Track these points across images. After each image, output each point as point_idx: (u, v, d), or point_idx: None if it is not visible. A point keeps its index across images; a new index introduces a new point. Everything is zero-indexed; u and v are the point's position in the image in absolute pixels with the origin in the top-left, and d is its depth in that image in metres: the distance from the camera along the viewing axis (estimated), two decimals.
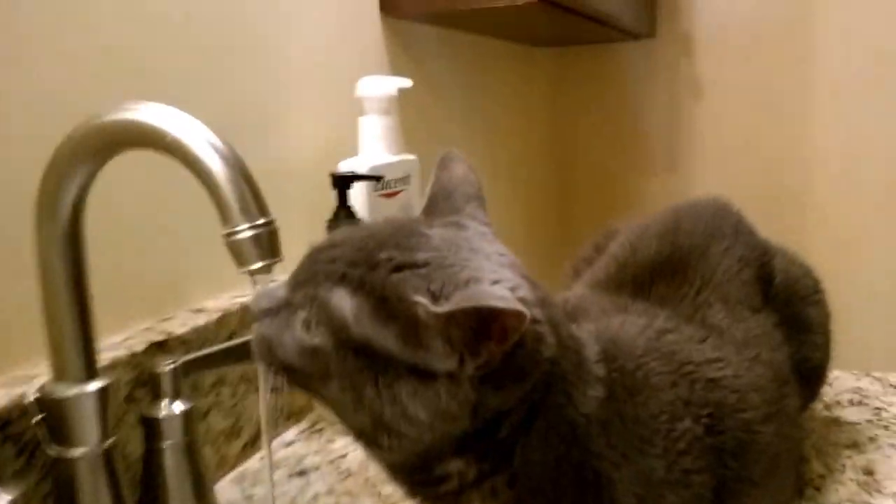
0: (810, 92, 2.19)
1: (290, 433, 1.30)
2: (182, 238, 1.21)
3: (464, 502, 0.78)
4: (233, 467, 1.19)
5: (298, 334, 0.74)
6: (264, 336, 0.77)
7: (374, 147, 1.41)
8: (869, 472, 1.09)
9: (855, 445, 1.16)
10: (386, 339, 0.71)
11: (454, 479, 0.77)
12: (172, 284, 1.20)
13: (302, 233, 1.35)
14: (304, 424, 1.33)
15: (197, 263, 1.23)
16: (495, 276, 0.73)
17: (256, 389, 1.23)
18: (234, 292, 1.26)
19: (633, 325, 0.91)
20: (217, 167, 0.79)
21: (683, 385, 0.85)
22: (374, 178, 1.34)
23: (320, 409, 1.34)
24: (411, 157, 1.47)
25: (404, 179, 1.44)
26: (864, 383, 1.38)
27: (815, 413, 1.27)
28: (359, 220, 1.30)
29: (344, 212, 1.30)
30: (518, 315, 0.66)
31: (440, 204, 0.84)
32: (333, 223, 1.29)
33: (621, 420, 0.80)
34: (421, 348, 0.70)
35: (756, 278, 1.04)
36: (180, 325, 1.12)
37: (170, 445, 0.97)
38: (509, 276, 0.75)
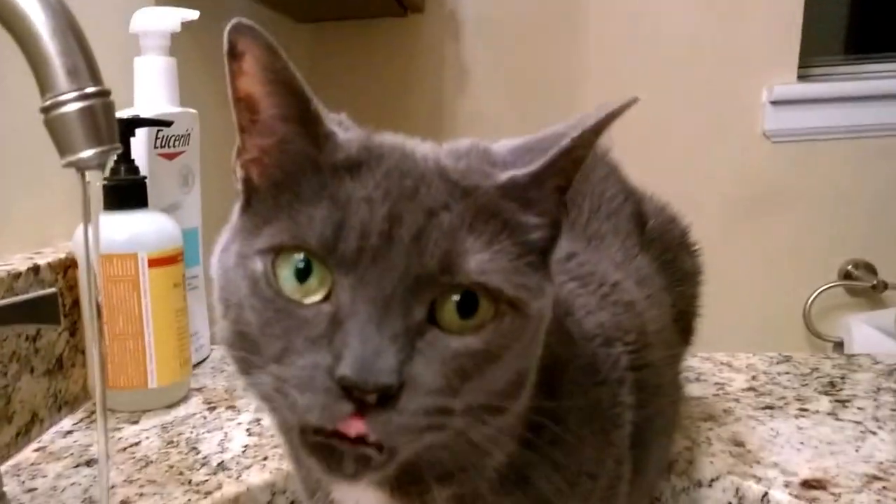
0: (578, 78, 2.16)
1: (66, 423, 1.11)
2: None
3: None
4: (4, 458, 0.99)
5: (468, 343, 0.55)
6: (439, 390, 0.54)
7: (153, 94, 1.22)
8: (739, 443, 1.04)
9: (711, 418, 1.12)
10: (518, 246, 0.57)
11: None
12: None
13: (64, 205, 1.20)
14: (80, 413, 1.14)
15: None
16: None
17: (31, 370, 1.04)
18: None
19: None
20: (35, 12, 0.62)
21: (607, 308, 0.75)
22: (162, 122, 1.15)
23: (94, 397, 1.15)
24: (192, 110, 1.28)
25: (185, 138, 1.25)
26: (695, 362, 1.35)
27: None
28: (143, 178, 1.11)
29: (125, 166, 1.10)
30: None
31: None
32: (112, 182, 1.09)
33: (567, 337, 0.69)
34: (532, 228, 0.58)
35: (633, 215, 0.96)
36: None
37: None
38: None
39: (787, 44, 1.98)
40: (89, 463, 0.99)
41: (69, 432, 1.08)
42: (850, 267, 2.32)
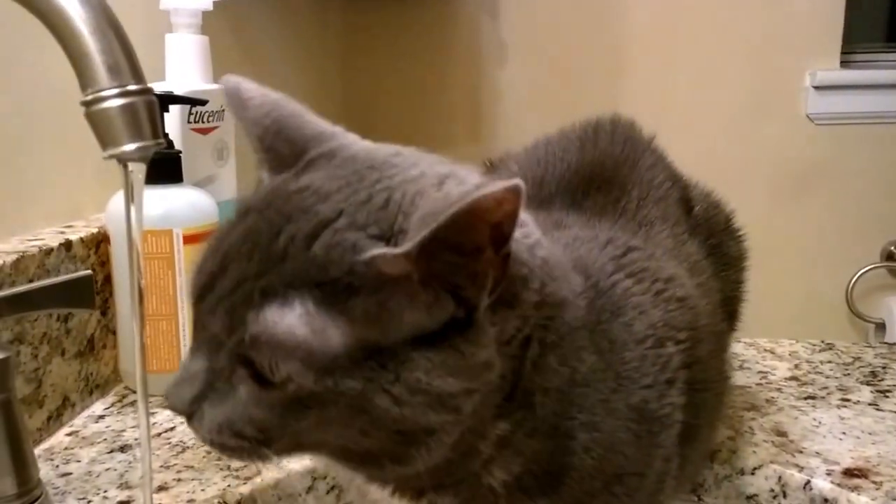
0: (619, 57, 2.13)
1: (97, 407, 1.09)
2: None
3: (486, 473, 0.64)
4: (36, 443, 0.97)
5: (258, 395, 0.56)
6: (219, 425, 0.58)
7: (185, 71, 1.20)
8: (781, 433, 1.04)
9: (754, 408, 1.12)
10: (350, 331, 0.53)
11: (490, 447, 0.62)
12: None
13: (95, 175, 1.18)
14: (111, 398, 1.12)
15: None
16: (440, 171, 0.59)
17: (62, 352, 1.03)
18: (24, 235, 1.05)
19: (591, 240, 0.78)
20: (75, 9, 0.61)
21: (661, 305, 0.74)
22: (197, 101, 1.14)
23: (128, 381, 1.14)
24: None
25: (219, 114, 1.23)
26: (739, 348, 1.34)
27: None
28: (178, 152, 1.09)
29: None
30: (512, 191, 0.50)
31: (279, 147, 0.65)
32: None
33: (610, 343, 0.67)
34: (407, 311, 0.53)
35: (680, 201, 0.95)
36: None
37: None
38: (445, 169, 0.60)
39: (829, 31, 1.97)
40: (123, 448, 0.97)
41: (101, 417, 1.06)
42: (892, 248, 2.31)
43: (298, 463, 0.94)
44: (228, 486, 0.89)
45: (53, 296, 0.83)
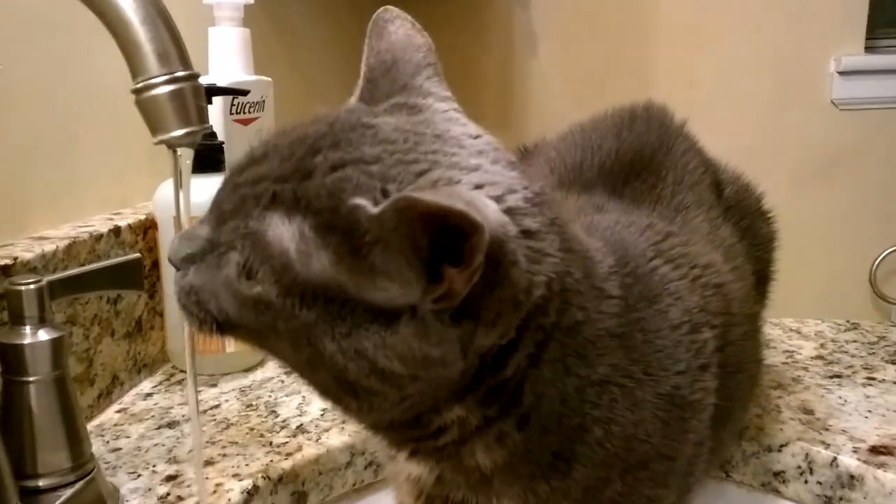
0: (647, 47, 2.14)
1: (145, 385, 1.13)
2: (18, 161, 1.02)
3: (466, 453, 0.65)
4: (88, 419, 1.01)
5: (234, 283, 0.58)
6: (192, 287, 0.61)
7: (228, 63, 1.23)
8: (808, 411, 1.06)
9: (781, 386, 1.14)
10: (329, 267, 0.55)
11: (454, 429, 0.63)
12: (6, 211, 1.01)
13: (143, 164, 1.22)
14: (158, 376, 1.16)
15: (35, 189, 1.05)
16: (478, 176, 0.58)
17: (112, 333, 1.06)
18: (76, 222, 1.09)
19: (630, 225, 0.79)
20: (126, 1, 0.64)
21: (697, 291, 0.75)
22: (239, 91, 1.17)
23: (175, 360, 1.17)
24: (267, 78, 1.29)
25: (260, 105, 1.27)
26: (765, 327, 1.33)
27: None
28: (221, 143, 1.12)
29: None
30: (474, 226, 0.49)
31: (380, 82, 0.68)
32: None
33: (642, 332, 0.68)
34: (369, 274, 0.54)
35: (713, 185, 0.96)
36: (24, 250, 0.94)
37: (36, 381, 0.78)
38: (495, 172, 0.60)
39: (854, 16, 1.96)
40: (171, 425, 1.01)
41: (149, 394, 1.10)
42: None
43: (338, 439, 0.97)
44: (271, 461, 0.92)
45: (105, 278, 0.87)
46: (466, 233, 0.50)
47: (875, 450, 0.95)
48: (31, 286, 0.78)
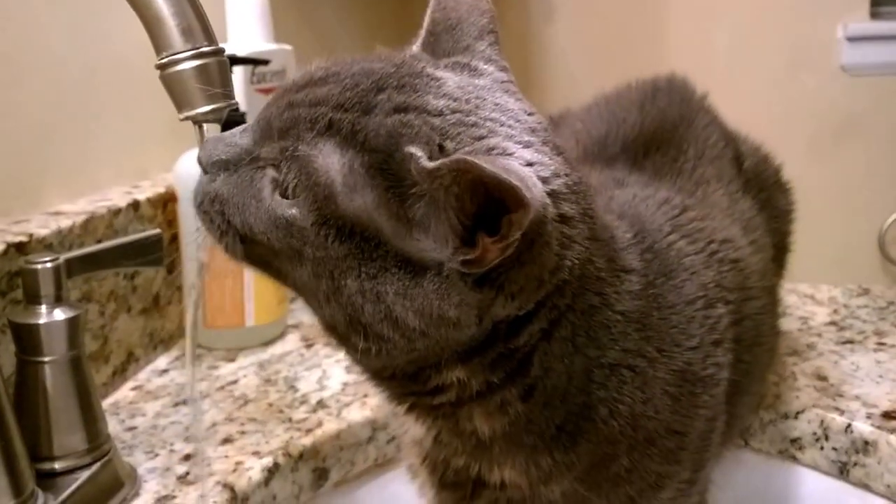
0: (661, 16, 2.13)
1: (161, 361, 1.12)
2: (32, 132, 1.00)
3: (463, 416, 0.66)
4: (102, 398, 0.99)
5: (268, 200, 0.58)
6: (218, 195, 0.61)
7: (247, 32, 1.21)
8: (822, 377, 1.07)
9: (796, 353, 1.14)
10: (371, 207, 0.56)
11: (452, 390, 0.64)
12: (20, 185, 1.00)
13: (162, 136, 1.20)
14: (175, 352, 1.15)
15: (50, 162, 1.04)
16: (530, 153, 0.58)
17: (128, 309, 1.06)
18: (93, 196, 1.07)
19: (649, 199, 0.79)
20: None
21: (713, 266, 0.75)
22: (260, 61, 1.16)
23: (198, 336, 1.17)
24: (287, 47, 1.26)
25: (280, 74, 1.25)
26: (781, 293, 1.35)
27: None
28: (243, 113, 1.11)
29: None
30: (522, 203, 0.51)
31: (442, 38, 0.68)
32: None
33: (658, 309, 0.68)
34: (408, 223, 0.56)
35: (733, 159, 0.97)
36: (39, 227, 0.93)
37: (51, 361, 0.78)
38: (545, 152, 0.60)
39: None
40: (187, 402, 1.00)
41: (165, 371, 1.09)
42: None
43: (359, 413, 0.97)
44: (291, 437, 0.92)
45: (123, 254, 0.86)
46: (511, 207, 0.51)
47: (888, 415, 0.97)
48: (48, 265, 0.78)
